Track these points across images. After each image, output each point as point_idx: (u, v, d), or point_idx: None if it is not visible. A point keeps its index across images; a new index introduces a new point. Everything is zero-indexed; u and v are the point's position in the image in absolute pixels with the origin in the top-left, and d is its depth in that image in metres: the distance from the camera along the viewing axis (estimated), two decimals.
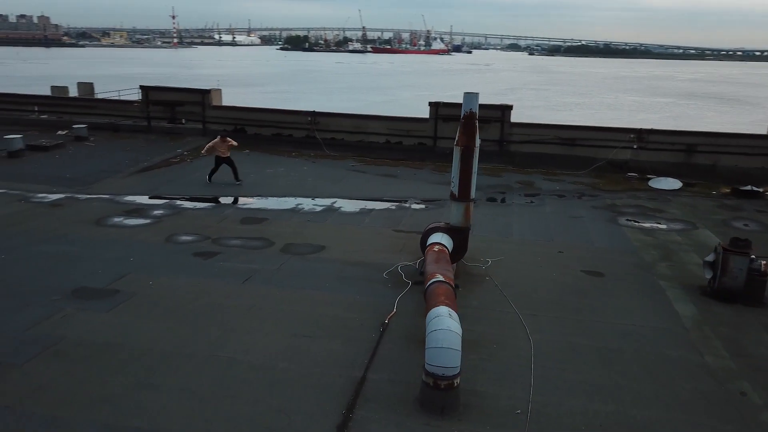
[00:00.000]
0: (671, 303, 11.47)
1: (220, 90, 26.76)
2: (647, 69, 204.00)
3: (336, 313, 10.52)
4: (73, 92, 44.46)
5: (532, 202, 18.85)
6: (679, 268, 13.41)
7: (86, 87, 45.36)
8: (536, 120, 27.15)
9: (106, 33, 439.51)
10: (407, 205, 17.97)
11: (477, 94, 11.87)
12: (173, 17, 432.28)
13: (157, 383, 8.12)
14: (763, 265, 11.43)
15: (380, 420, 7.54)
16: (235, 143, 19.77)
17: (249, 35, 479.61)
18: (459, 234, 12.00)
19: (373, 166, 23.04)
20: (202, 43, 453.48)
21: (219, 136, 19.59)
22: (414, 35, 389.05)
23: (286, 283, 11.71)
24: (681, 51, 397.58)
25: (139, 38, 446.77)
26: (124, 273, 11.83)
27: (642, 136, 23.02)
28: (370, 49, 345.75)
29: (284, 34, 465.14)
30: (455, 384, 7.70)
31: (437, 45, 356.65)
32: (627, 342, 9.82)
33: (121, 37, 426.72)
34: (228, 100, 27.43)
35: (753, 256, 11.51)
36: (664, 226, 16.63)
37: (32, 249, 13.02)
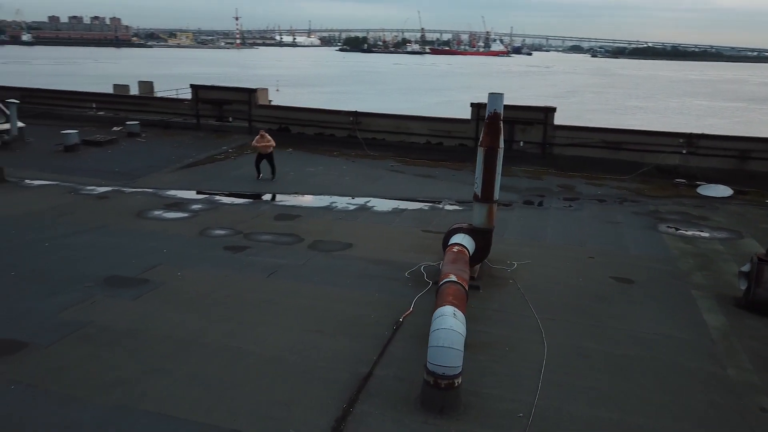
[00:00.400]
0: (700, 313, 11.07)
1: (266, 89, 27.36)
2: (718, 72, 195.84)
3: (353, 309, 10.64)
4: (134, 90, 46.35)
5: (570, 206, 18.49)
6: (715, 277, 12.92)
7: (146, 86, 47.18)
8: (588, 123, 26.52)
9: (172, 34, 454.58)
10: (441, 206, 17.95)
11: (502, 94, 11.75)
12: (236, 19, 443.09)
13: (169, 369, 8.43)
14: None
15: (379, 416, 7.61)
16: (272, 141, 20.12)
17: (309, 36, 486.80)
18: (481, 235, 11.92)
19: (412, 166, 23.08)
20: (264, 44, 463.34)
21: (259, 133, 20.07)
22: (473, 37, 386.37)
23: (309, 278, 11.91)
24: (755, 54, 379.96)
25: (203, 39, 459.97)
26: (155, 264, 12.30)
27: (692, 140, 22.22)
28: (428, 51, 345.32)
29: (344, 35, 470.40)
30: (456, 384, 7.69)
31: (496, 47, 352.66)
32: (644, 350, 9.55)
33: (186, 38, 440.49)
34: (285, 100, 27.95)
35: None
36: (706, 235, 16.03)
37: (75, 238, 13.68)
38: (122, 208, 16.25)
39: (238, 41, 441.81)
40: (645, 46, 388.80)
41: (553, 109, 23.46)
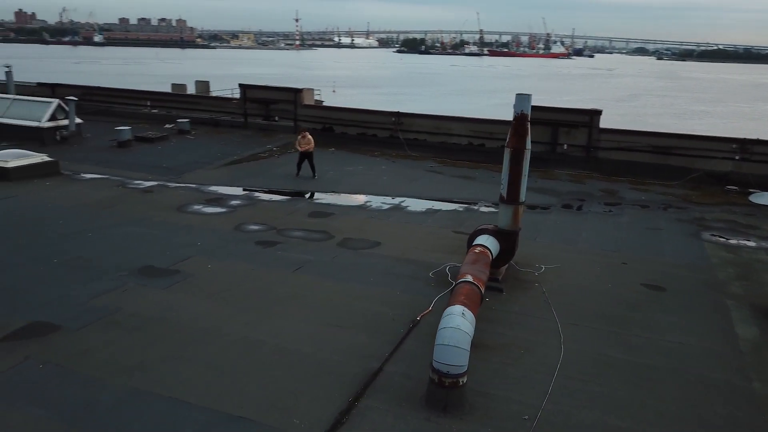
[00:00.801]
0: (732, 324, 10.68)
1: (312, 90, 27.80)
2: None
3: (373, 306, 10.75)
4: (191, 89, 47.90)
5: (610, 211, 18.07)
6: (755, 288, 12.42)
7: (203, 85, 48.70)
8: (642, 127, 25.84)
9: (235, 35, 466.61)
10: (476, 207, 17.86)
11: (529, 95, 11.67)
12: (296, 20, 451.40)
13: (188, 356, 8.75)
14: None
15: (383, 410, 7.69)
16: (311, 142, 20.41)
17: (367, 38, 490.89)
18: (506, 237, 11.82)
19: (451, 167, 23.03)
20: (323, 45, 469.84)
21: (301, 134, 20.45)
22: (533, 38, 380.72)
23: (334, 274, 12.10)
24: None
25: (264, 40, 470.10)
26: (188, 255, 12.74)
27: (746, 146, 21.35)
28: (486, 52, 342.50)
29: (401, 36, 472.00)
30: (460, 383, 7.69)
31: (557, 48, 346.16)
32: (667, 360, 9.29)
33: (248, 39, 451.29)
34: (342, 101, 28.23)
35: None
36: (752, 244, 15.40)
37: (116, 229, 14.31)
38: (165, 201, 16.86)
39: (297, 42, 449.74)
40: (714, 48, 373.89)
41: (598, 112, 22.95)
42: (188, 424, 7.19)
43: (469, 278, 9.44)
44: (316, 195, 18.48)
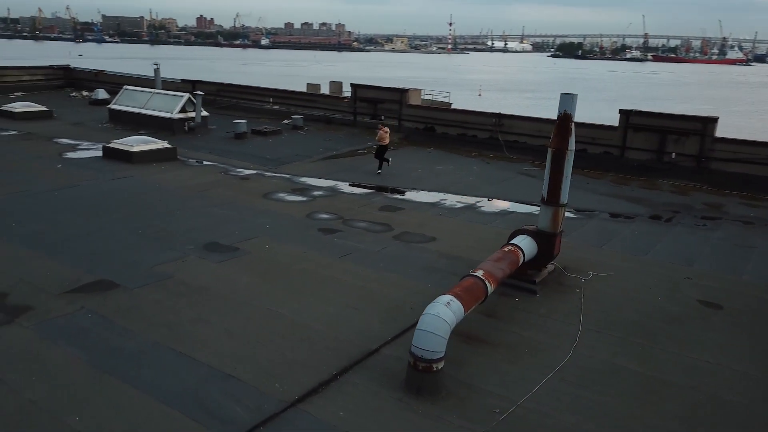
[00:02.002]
0: None
1: (419, 90, 28.40)
2: None
3: (398, 295, 11.15)
4: (325, 89, 50.60)
5: (704, 225, 16.82)
6: None
7: (336, 85, 51.23)
8: (756, 137, 23.58)
9: (389, 39, 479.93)
10: None
11: (575, 95, 11.41)
12: (450, 24, 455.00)
13: (213, 321, 9.76)
14: None
15: (361, 386, 8.14)
16: (386, 136, 21.05)
17: (521, 42, 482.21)
18: (545, 239, 11.66)
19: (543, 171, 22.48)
20: (475, 49, 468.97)
21: (379, 126, 21.25)
22: (705, 43, 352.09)
23: (375, 263, 12.63)
24: None
25: (417, 44, 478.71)
26: (253, 236, 13.92)
27: None
28: (650, 58, 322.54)
29: (558, 41, 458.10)
30: (434, 368, 7.93)
31: (733, 54, 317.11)
32: (688, 378, 8.76)
33: (401, 42, 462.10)
34: (486, 105, 28.50)
35: None
36: None
37: (203, 209, 15.89)
38: (256, 189, 18.35)
39: (449, 46, 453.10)
40: None
41: (713, 120, 21.26)
42: (186, 377, 8.13)
43: (479, 273, 9.56)
44: (395, 191, 19.05)
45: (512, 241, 11.44)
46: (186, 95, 26.71)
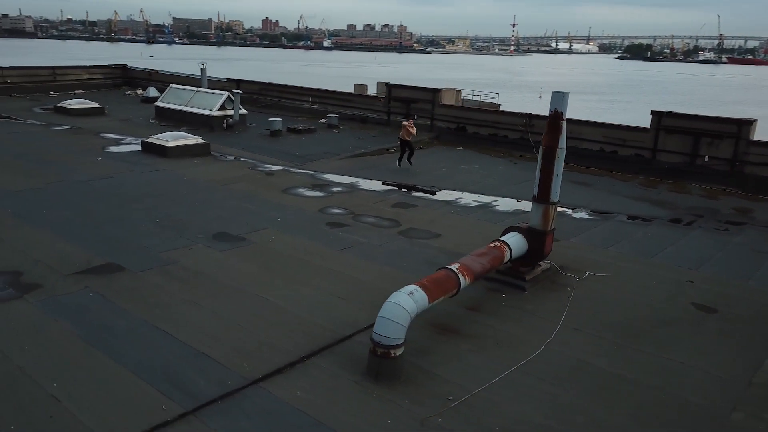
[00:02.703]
0: None
1: (453, 90, 28.50)
2: None
3: (389, 287, 11.19)
4: (372, 90, 51.10)
5: (726, 230, 16.35)
6: None
7: (383, 86, 51.68)
8: None
9: (451, 40, 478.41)
10: (570, 212, 17.32)
11: (567, 93, 11.42)
12: (513, 25, 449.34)
13: (203, 304, 10.33)
14: None
15: (324, 369, 8.52)
16: (413, 131, 21.44)
17: (587, 43, 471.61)
18: (535, 237, 11.70)
19: (575, 172, 22.21)
20: (538, 51, 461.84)
21: (405, 121, 21.54)
22: None
23: (374, 257, 12.97)
24: None
25: (479, 46, 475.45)
26: (262, 228, 14.50)
27: None
28: (724, 60, 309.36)
29: (626, 42, 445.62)
30: (392, 354, 8.21)
31: None
32: (654, 378, 8.72)
33: (463, 44, 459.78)
34: (545, 107, 27.73)
35: None
36: None
37: (223, 202, 16.60)
38: (278, 183, 18.98)
39: (512, 48, 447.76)
40: None
41: (749, 122, 20.52)
42: (163, 352, 8.70)
43: (454, 266, 9.77)
44: (413, 188, 19.28)
45: (501, 238, 11.56)
46: (225, 94, 27.75)
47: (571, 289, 11.73)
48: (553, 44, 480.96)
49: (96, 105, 30.41)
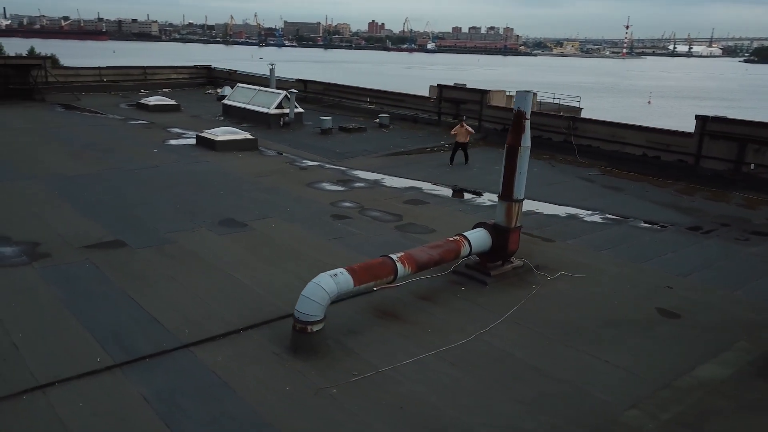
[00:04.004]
0: (707, 363, 9.30)
1: (502, 92, 28.46)
2: None
3: None
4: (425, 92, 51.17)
5: (746, 239, 15.58)
6: None
7: (434, 89, 51.89)
8: None
9: (559, 43, 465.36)
10: (582, 215, 17.12)
11: (530, 93, 11.61)
12: (627, 27, 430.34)
13: (180, 279, 11.48)
14: None
15: (254, 340, 9.36)
16: (471, 130, 22.16)
17: (709, 45, 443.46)
18: (500, 233, 11.93)
19: (611, 176, 21.77)
20: (654, 54, 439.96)
21: (460, 123, 21.99)
22: None
23: (359, 247, 13.63)
24: None
25: (589, 48, 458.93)
26: (268, 216, 15.57)
27: None
28: None
29: (755, 44, 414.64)
30: (309, 329, 8.91)
31: None
32: (570, 374, 8.84)
33: (572, 47, 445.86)
34: (655, 112, 27.03)
35: None
36: None
37: (246, 193, 17.86)
38: (306, 178, 20.05)
39: (624, 50, 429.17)
40: None
41: None
42: (122, 317, 9.88)
43: (396, 255, 10.30)
44: (437, 186, 19.68)
45: (465, 233, 11.89)
46: (283, 93, 29.30)
47: (535, 287, 11.85)
48: (671, 47, 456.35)
49: (172, 102, 33.01)
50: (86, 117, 30.05)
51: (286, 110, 28.87)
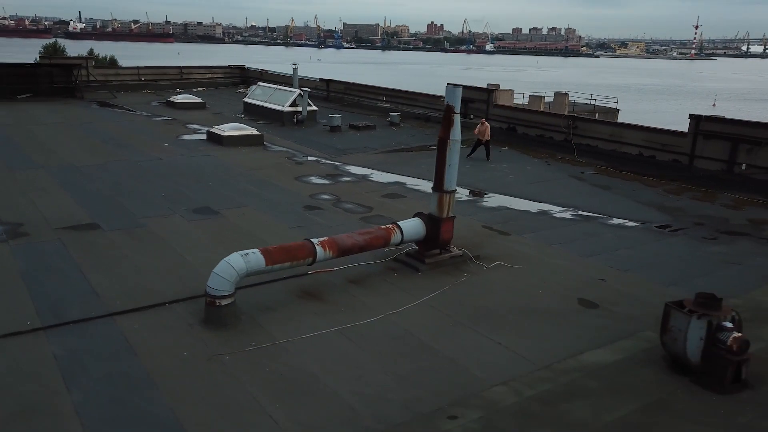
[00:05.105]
0: (600, 349, 9.54)
1: (510, 91, 28.54)
2: None
3: None
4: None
5: (714, 239, 15.43)
6: None
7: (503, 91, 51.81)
8: None
9: (623, 44, 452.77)
10: (554, 212, 17.28)
11: (460, 87, 12.05)
12: (696, 27, 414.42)
13: (133, 257, 12.50)
14: (731, 340, 8.45)
15: (175, 312, 10.24)
16: (479, 130, 22.92)
17: None
18: (433, 223, 12.41)
19: (605, 176, 21.69)
20: (725, 55, 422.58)
21: (481, 121, 22.66)
22: None
23: (315, 234, 13.86)
24: None
25: (655, 49, 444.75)
26: (242, 206, 16.48)
27: None
28: None
29: None
30: (217, 303, 9.71)
31: None
32: (460, 354, 9.29)
33: (637, 48, 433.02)
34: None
35: (728, 324, 8.62)
36: None
37: (234, 184, 18.85)
38: (298, 171, 20.91)
39: (693, 51, 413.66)
40: None
41: None
42: (66, 288, 10.95)
43: (318, 239, 10.97)
44: (419, 181, 20.17)
45: (399, 222, 12.43)
46: (297, 91, 30.32)
47: (467, 275, 12.27)
48: (744, 47, 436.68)
49: (199, 100, 34.60)
50: (116, 113, 31.93)
51: (300, 108, 29.86)
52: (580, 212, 17.30)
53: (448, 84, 12.54)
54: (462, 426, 7.48)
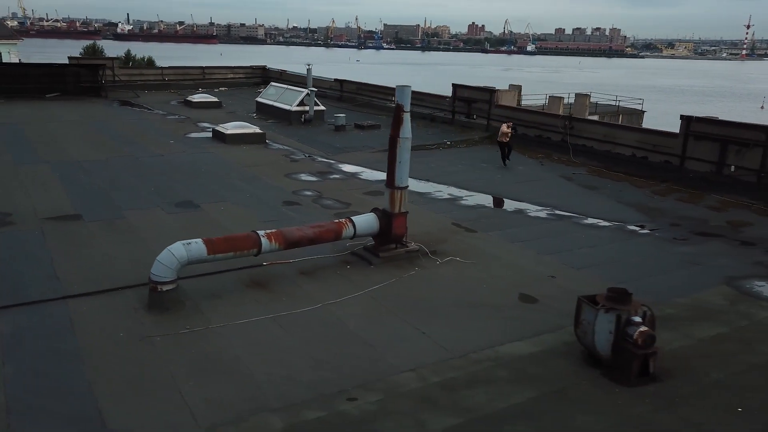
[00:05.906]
0: (520, 341, 9.80)
1: (513, 92, 28.64)
2: None
3: None
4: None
5: (684, 239, 15.39)
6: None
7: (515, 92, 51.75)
8: None
9: (670, 44, 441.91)
10: (530, 211, 17.43)
11: (408, 87, 12.43)
12: (747, 26, 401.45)
13: (103, 245, 13.23)
14: (637, 334, 8.62)
15: (125, 297, 10.83)
16: (507, 130, 22.76)
17: None
18: (386, 218, 12.78)
19: (595, 176, 21.65)
20: None
21: (504, 124, 22.89)
22: None
23: (287, 223, 14.84)
24: None
25: (704, 50, 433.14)
26: (223, 200, 17.14)
27: None
28: None
29: None
30: (159, 288, 10.29)
31: None
32: (382, 341, 9.67)
33: (685, 48, 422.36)
34: (759, 119, 25.22)
35: (637, 318, 8.79)
36: None
37: (224, 180, 19.55)
38: (291, 169, 21.50)
39: (743, 52, 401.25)
40: None
41: None
42: (32, 272, 11.69)
43: (265, 231, 11.49)
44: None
45: (352, 217, 12.85)
46: (305, 91, 30.98)
47: (417, 270, 12.61)
48: None
49: (215, 99, 35.62)
50: (134, 112, 33.17)
51: (307, 107, 30.51)
52: (557, 212, 17.40)
53: (397, 85, 12.88)
54: (357, 407, 7.88)
